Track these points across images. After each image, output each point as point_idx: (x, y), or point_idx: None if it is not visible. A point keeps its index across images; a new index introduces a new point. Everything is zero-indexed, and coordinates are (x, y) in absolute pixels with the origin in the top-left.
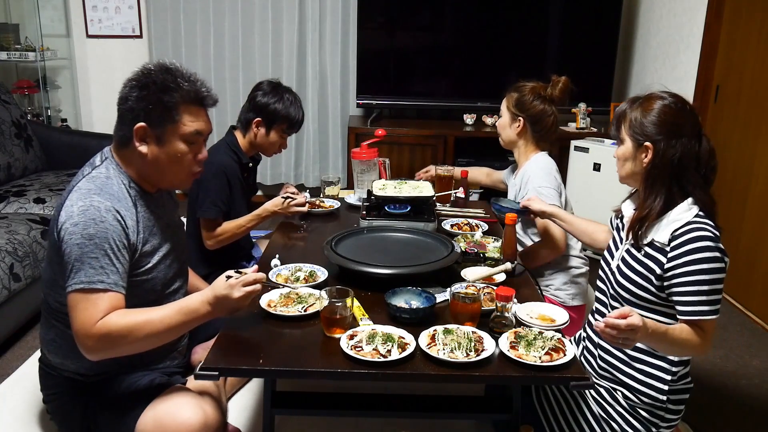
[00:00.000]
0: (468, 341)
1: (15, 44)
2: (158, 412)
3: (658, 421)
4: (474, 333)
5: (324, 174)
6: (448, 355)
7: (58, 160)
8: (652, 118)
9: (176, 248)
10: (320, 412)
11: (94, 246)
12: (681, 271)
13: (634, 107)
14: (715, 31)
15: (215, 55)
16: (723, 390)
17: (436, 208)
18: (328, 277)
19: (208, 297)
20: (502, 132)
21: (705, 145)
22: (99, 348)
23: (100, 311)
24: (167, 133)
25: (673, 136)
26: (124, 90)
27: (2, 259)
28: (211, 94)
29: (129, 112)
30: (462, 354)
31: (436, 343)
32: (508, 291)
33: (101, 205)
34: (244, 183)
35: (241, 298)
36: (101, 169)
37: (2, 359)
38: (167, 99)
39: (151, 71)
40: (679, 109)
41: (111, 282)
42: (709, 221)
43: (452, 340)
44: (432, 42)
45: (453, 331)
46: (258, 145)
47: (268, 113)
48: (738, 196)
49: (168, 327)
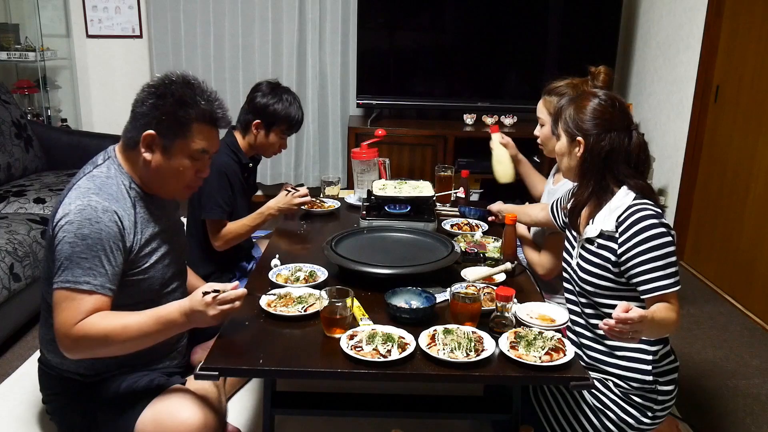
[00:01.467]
0: (468, 341)
1: (15, 44)
2: (157, 413)
3: (651, 404)
4: (474, 333)
5: (324, 174)
6: (448, 355)
7: (58, 160)
8: (583, 114)
9: (175, 249)
10: (320, 412)
11: (85, 246)
12: (633, 252)
13: (569, 105)
14: (715, 31)
15: (215, 55)
16: (723, 390)
17: (436, 208)
18: (328, 277)
19: (184, 308)
20: (548, 144)
21: (635, 140)
22: (75, 348)
23: (81, 313)
24: (175, 147)
25: (603, 130)
26: (142, 94)
27: (2, 259)
28: (226, 116)
29: (142, 116)
30: (462, 354)
31: (436, 343)
32: (508, 291)
33: (98, 206)
34: (245, 183)
35: (215, 316)
36: (102, 168)
37: (2, 359)
38: (182, 114)
39: (172, 82)
40: (609, 105)
41: (97, 284)
42: (648, 201)
43: (452, 340)
44: (432, 42)
45: (453, 331)
46: (257, 146)
47: (268, 114)
48: (738, 196)
49: (145, 334)
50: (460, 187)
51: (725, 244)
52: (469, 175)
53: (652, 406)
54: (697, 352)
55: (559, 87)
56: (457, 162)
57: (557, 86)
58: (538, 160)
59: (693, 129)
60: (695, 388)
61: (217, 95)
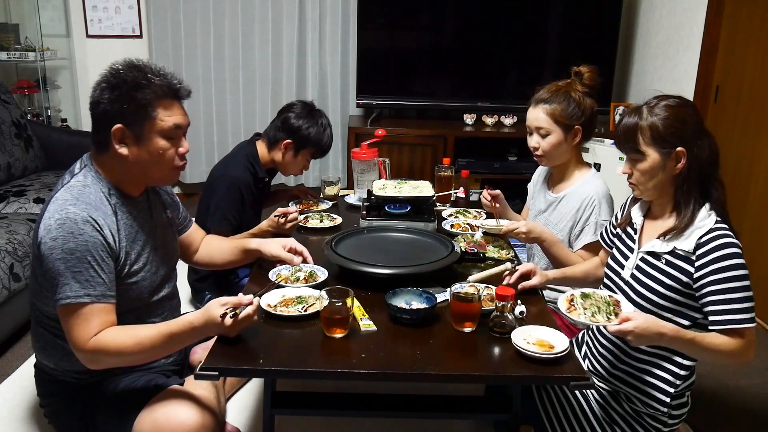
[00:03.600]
0: (606, 305)
1: (15, 44)
2: (155, 413)
3: (661, 426)
4: (611, 297)
5: (324, 174)
6: (590, 319)
7: (58, 160)
8: (672, 122)
9: (163, 253)
10: (320, 412)
11: (76, 260)
12: (713, 278)
13: (646, 116)
14: (715, 31)
15: (215, 55)
16: (723, 390)
17: (436, 208)
18: (328, 277)
19: (199, 324)
20: (554, 153)
21: (714, 141)
22: (93, 362)
23: (92, 327)
24: (145, 131)
25: (699, 136)
26: (95, 94)
27: (2, 259)
28: (183, 86)
29: (103, 115)
30: (603, 318)
31: (575, 307)
32: (508, 291)
33: (77, 217)
34: (257, 196)
35: (233, 330)
36: (79, 177)
37: (2, 359)
38: (140, 96)
39: (119, 71)
40: (690, 106)
41: (98, 294)
42: (729, 228)
43: (591, 304)
44: (432, 42)
45: (591, 295)
46: (281, 164)
47: (301, 137)
48: (738, 196)
49: (158, 349)
50: (460, 187)
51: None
52: (469, 175)
53: (661, 428)
54: None
55: (557, 91)
56: (457, 162)
57: (552, 91)
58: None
59: None
60: (695, 387)
61: (167, 69)
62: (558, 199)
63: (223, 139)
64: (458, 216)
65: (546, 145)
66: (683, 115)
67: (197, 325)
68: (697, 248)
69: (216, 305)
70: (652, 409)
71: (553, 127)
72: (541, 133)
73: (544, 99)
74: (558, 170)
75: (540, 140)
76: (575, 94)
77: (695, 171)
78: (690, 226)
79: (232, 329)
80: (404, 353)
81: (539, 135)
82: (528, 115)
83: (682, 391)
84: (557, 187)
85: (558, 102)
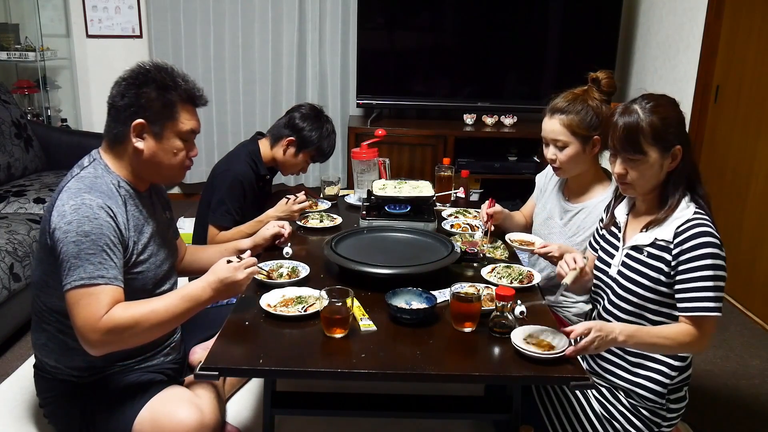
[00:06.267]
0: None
1: (15, 44)
2: (155, 412)
3: (660, 420)
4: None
5: (324, 174)
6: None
7: (58, 160)
8: (670, 120)
9: (166, 248)
10: (320, 412)
11: (90, 243)
12: (685, 267)
13: (643, 116)
14: (715, 31)
15: (215, 55)
16: (723, 390)
17: (436, 208)
18: (309, 273)
19: (210, 281)
20: (572, 165)
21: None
22: (105, 341)
23: (104, 305)
24: (165, 130)
25: (686, 133)
26: (119, 88)
27: (2, 259)
28: (203, 95)
29: (125, 109)
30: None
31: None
32: (508, 291)
33: (93, 203)
34: (259, 193)
35: (244, 279)
36: (89, 170)
37: (2, 359)
38: (168, 97)
39: (148, 70)
40: (677, 105)
41: (111, 276)
42: (708, 218)
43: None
44: (432, 42)
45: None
46: (281, 161)
47: (303, 138)
48: (738, 196)
49: (173, 315)
50: (460, 187)
51: (725, 244)
52: (469, 175)
53: (660, 422)
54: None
55: (574, 99)
56: (457, 162)
57: (568, 100)
58: (537, 159)
59: (693, 129)
60: (695, 388)
61: (189, 77)
62: (575, 211)
63: (223, 139)
64: (458, 216)
65: (563, 158)
66: (676, 113)
67: (209, 280)
68: (675, 237)
69: (222, 261)
70: (650, 402)
71: (570, 138)
72: (558, 145)
73: (560, 109)
74: (575, 180)
75: (557, 152)
76: (593, 102)
77: (687, 167)
78: (670, 217)
79: (245, 280)
80: (404, 353)
81: (556, 147)
82: (544, 125)
83: (679, 384)
84: (575, 198)
85: (575, 112)
